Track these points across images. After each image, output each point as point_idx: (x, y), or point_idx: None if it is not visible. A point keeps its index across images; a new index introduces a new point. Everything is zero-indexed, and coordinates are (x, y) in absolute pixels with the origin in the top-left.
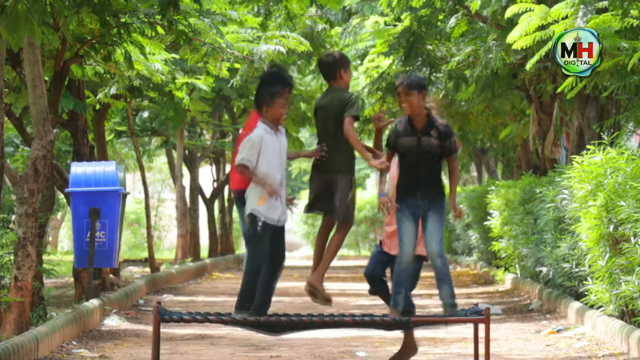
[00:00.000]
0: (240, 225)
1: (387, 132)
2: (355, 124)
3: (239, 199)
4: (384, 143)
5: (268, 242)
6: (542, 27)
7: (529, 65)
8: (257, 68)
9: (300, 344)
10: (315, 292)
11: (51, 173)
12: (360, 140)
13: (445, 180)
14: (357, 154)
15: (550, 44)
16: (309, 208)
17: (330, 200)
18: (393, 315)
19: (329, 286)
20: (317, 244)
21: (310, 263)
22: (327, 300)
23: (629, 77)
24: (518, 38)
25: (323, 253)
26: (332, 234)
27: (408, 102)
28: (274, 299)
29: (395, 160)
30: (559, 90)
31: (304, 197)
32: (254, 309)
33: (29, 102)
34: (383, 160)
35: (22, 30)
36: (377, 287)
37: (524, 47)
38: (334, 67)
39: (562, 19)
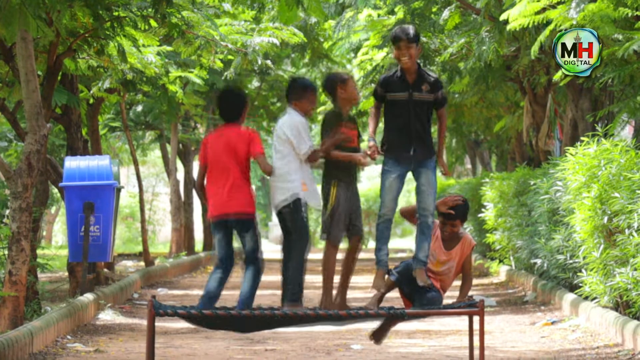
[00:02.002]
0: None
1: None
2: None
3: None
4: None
5: None
6: (539, 12)
7: (533, 53)
8: (250, 60)
9: (295, 337)
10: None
11: (45, 167)
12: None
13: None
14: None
15: (547, 32)
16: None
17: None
18: (379, 276)
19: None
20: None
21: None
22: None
23: (624, 67)
24: (517, 17)
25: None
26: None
27: (409, 55)
28: (269, 292)
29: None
30: (553, 79)
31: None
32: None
33: (22, 96)
34: (366, 152)
35: (16, 23)
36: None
37: (520, 28)
38: (331, 87)
39: (559, 3)
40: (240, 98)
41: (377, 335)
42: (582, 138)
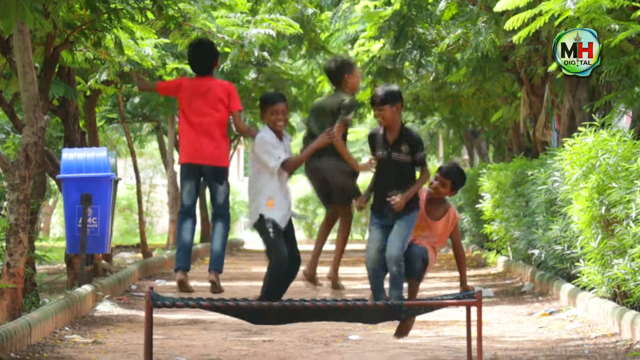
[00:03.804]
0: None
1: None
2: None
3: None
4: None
5: (283, 241)
6: (531, 6)
7: (516, 39)
8: (247, 52)
9: (293, 329)
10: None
11: (42, 159)
12: (342, 146)
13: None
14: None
15: (540, 21)
16: (325, 204)
17: (331, 192)
18: None
19: (323, 270)
20: (322, 231)
21: (302, 248)
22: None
23: (620, 58)
24: (507, 6)
25: (322, 245)
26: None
27: (381, 116)
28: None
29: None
30: (549, 70)
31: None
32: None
33: (19, 88)
34: (368, 162)
35: (13, 15)
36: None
37: (515, 28)
38: (338, 73)
39: None
40: (212, 50)
41: (400, 332)
42: (579, 128)
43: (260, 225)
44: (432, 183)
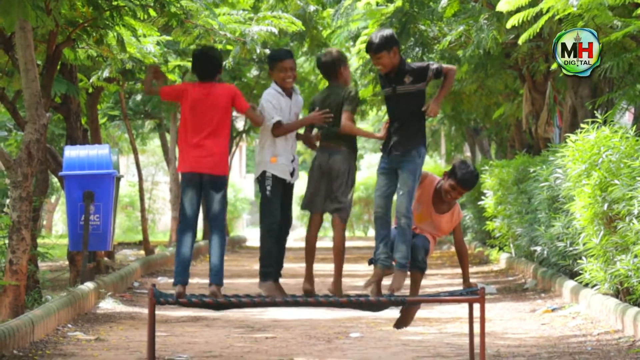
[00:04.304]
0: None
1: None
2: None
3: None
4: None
5: (279, 203)
6: (533, 4)
7: (521, 40)
8: (249, 49)
9: (295, 325)
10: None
11: (45, 157)
12: (355, 127)
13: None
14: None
15: (542, 21)
16: (305, 206)
17: (327, 197)
18: (374, 276)
19: (325, 267)
20: (311, 244)
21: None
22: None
23: (622, 55)
24: (510, 7)
25: (313, 259)
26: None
27: (380, 64)
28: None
29: None
30: (551, 67)
31: None
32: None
33: (21, 86)
34: (383, 126)
35: (14, 12)
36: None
37: (517, 25)
38: (332, 65)
39: None
40: (214, 58)
41: (400, 323)
42: (581, 125)
43: (262, 181)
44: (445, 187)
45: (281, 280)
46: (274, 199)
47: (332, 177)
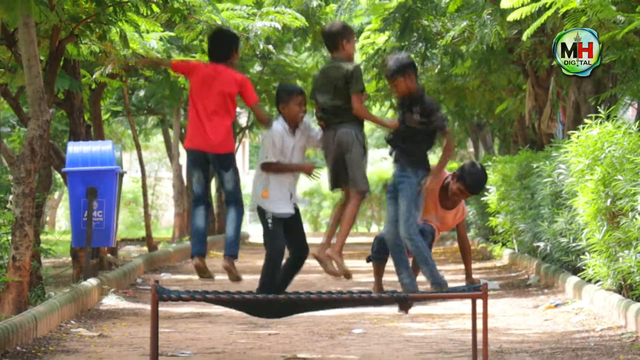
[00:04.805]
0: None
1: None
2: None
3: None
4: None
5: (281, 232)
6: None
7: (525, 36)
8: (252, 45)
9: (298, 322)
10: (331, 263)
11: (48, 153)
12: (368, 113)
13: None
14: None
15: (545, 16)
16: (333, 186)
17: (346, 171)
18: (403, 309)
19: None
20: (336, 215)
21: (308, 241)
22: (347, 273)
23: (625, 50)
24: (513, 4)
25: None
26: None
27: (395, 89)
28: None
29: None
30: (554, 64)
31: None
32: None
33: (25, 82)
34: (393, 120)
35: (18, 8)
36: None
37: (519, 19)
38: (336, 37)
39: None
40: (229, 38)
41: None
42: (585, 121)
43: (259, 214)
44: (453, 189)
45: None
46: (276, 229)
47: (343, 151)
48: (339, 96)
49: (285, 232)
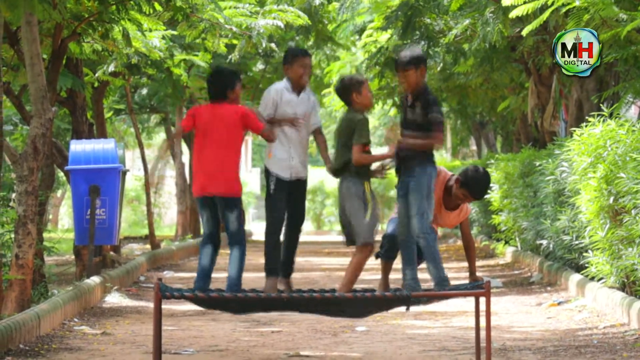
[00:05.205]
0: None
1: None
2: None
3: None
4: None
5: (284, 198)
6: None
7: (525, 32)
8: (254, 43)
9: (301, 319)
10: None
11: (50, 151)
12: (367, 156)
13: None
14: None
15: (547, 13)
16: (348, 241)
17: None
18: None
19: (331, 261)
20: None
21: (310, 239)
22: None
23: (628, 48)
24: (515, 1)
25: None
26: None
27: (405, 81)
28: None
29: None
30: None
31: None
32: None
33: (27, 80)
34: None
35: (21, 6)
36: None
37: (521, 17)
38: (344, 93)
39: None
40: (225, 76)
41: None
42: (587, 118)
43: (266, 176)
44: (456, 193)
45: None
46: (278, 194)
47: (343, 207)
48: (346, 149)
49: (287, 202)
